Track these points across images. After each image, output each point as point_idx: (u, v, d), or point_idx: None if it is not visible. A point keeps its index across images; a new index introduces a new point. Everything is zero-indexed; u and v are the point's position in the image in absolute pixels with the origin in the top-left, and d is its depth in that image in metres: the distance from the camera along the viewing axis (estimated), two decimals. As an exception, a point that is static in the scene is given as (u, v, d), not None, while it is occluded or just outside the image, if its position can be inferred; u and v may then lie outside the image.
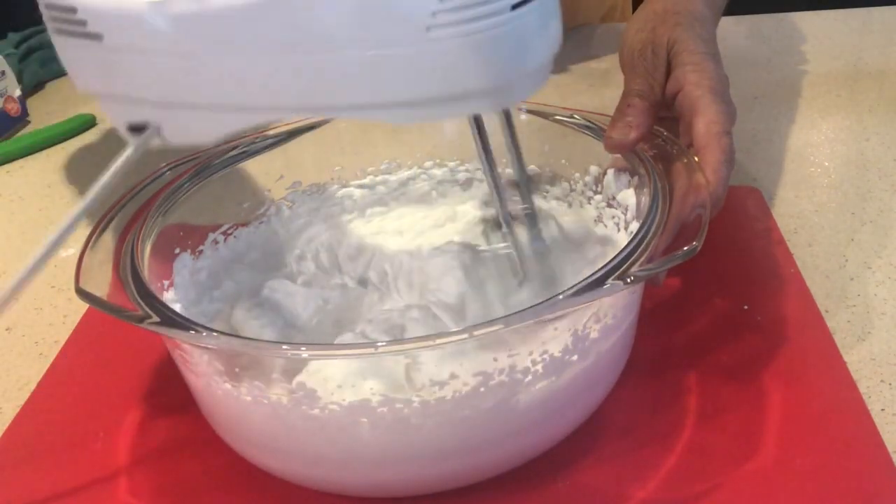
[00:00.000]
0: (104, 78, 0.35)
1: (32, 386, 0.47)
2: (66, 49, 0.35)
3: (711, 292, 0.50)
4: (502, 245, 0.45)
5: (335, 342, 0.40)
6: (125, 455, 0.42)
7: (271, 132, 0.49)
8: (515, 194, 0.44)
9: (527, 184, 0.44)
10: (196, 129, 0.36)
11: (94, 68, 0.35)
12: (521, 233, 0.44)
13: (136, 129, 0.36)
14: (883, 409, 0.41)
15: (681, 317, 0.48)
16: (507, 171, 0.44)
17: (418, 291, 0.44)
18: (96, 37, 0.33)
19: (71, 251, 0.61)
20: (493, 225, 0.48)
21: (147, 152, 0.36)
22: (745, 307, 0.48)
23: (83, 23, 0.33)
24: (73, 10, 0.33)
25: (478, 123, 0.38)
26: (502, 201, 0.40)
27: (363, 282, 0.47)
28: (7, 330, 0.53)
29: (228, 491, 0.39)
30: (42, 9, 0.34)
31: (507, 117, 0.41)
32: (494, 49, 0.31)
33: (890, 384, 0.43)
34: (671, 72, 0.50)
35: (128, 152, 0.36)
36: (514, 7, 0.31)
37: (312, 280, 0.47)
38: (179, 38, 0.32)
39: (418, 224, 0.53)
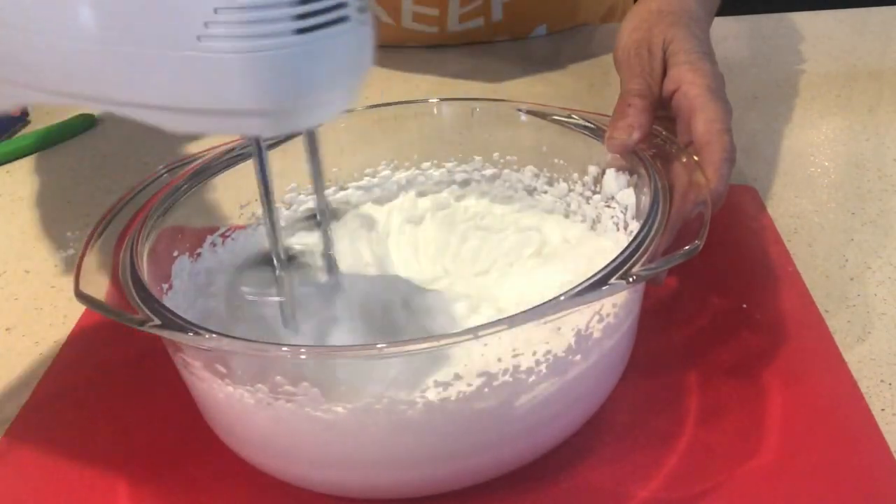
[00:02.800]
0: None
1: (32, 386, 0.47)
2: None
3: (710, 291, 0.50)
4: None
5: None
6: (125, 456, 0.42)
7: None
8: (313, 227, 0.40)
9: (327, 217, 0.41)
10: None
11: None
12: (314, 270, 0.41)
13: None
14: (883, 409, 0.41)
15: (680, 316, 0.48)
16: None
17: None
18: None
19: (71, 251, 0.61)
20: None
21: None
22: (744, 306, 0.48)
23: None
24: None
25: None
26: (276, 239, 0.37)
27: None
28: (7, 330, 0.52)
29: (229, 493, 0.39)
30: None
31: (311, 140, 0.37)
32: (271, 71, 0.29)
33: (890, 384, 0.43)
34: (667, 71, 0.50)
35: None
36: (300, 32, 0.29)
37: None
38: None
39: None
